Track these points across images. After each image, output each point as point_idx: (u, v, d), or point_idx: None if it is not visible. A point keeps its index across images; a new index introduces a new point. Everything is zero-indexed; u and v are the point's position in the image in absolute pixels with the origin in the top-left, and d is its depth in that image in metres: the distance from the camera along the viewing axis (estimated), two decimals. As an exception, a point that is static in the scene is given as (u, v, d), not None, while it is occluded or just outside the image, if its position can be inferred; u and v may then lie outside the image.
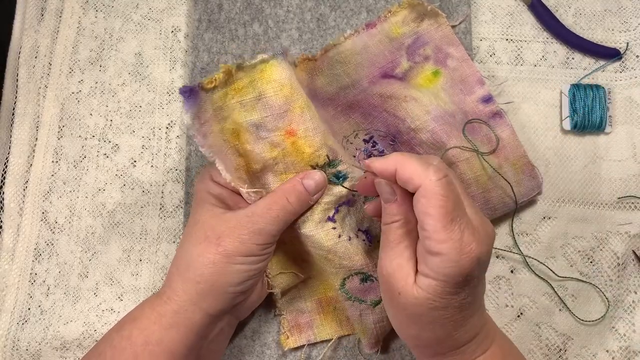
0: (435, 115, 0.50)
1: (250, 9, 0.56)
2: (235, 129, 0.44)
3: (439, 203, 0.35)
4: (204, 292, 0.41)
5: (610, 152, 0.54)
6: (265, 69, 0.42)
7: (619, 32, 0.56)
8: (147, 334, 0.41)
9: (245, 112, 0.43)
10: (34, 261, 0.54)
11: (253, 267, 0.42)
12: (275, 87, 0.42)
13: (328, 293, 0.51)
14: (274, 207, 0.42)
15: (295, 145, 0.44)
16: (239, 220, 0.42)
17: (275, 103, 0.43)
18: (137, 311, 0.43)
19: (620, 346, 0.51)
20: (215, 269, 0.41)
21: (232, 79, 0.42)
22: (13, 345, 0.52)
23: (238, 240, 0.41)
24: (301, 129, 0.43)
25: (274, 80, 0.42)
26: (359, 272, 0.46)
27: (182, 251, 0.43)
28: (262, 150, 0.44)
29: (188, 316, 0.41)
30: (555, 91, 0.55)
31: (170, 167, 0.55)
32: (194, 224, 0.43)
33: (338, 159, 0.45)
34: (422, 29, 0.53)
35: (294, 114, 0.43)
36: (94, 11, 0.59)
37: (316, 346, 0.51)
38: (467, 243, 0.35)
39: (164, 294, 0.42)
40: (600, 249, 0.52)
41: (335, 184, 0.45)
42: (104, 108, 0.56)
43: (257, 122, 0.43)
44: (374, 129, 0.52)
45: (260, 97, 0.43)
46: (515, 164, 0.51)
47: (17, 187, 0.55)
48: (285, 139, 0.43)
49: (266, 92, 0.42)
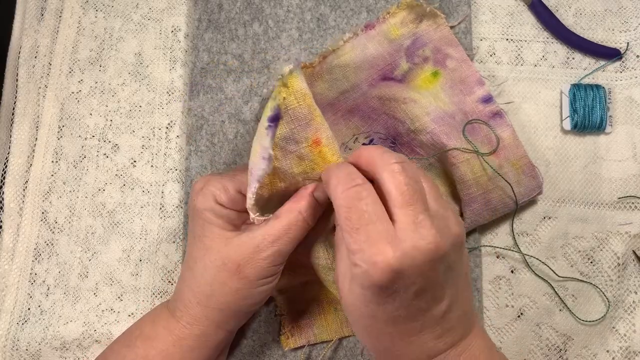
0: (434, 116, 0.50)
1: (250, 9, 0.56)
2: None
3: (343, 215, 0.34)
4: (229, 316, 0.41)
5: (611, 152, 0.54)
6: (289, 80, 0.41)
7: (620, 32, 0.56)
8: (166, 356, 0.40)
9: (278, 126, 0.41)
10: (34, 261, 0.54)
11: (271, 285, 0.42)
12: (298, 97, 0.41)
13: (329, 294, 0.51)
14: (292, 228, 0.40)
15: (321, 154, 0.42)
16: (257, 245, 0.40)
17: (300, 113, 0.41)
18: (149, 329, 0.42)
19: (620, 346, 0.51)
20: (238, 296, 0.41)
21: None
22: (13, 345, 0.52)
23: (258, 266, 0.40)
24: (324, 137, 0.42)
25: (297, 91, 0.41)
26: None
27: (197, 278, 0.41)
28: (289, 165, 0.42)
29: (211, 338, 0.41)
30: (556, 91, 0.55)
31: (170, 167, 0.55)
32: (204, 248, 0.41)
33: None
34: (421, 30, 0.53)
35: (317, 122, 0.42)
36: (94, 11, 0.58)
37: (316, 346, 0.51)
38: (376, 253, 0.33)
39: (181, 319, 0.41)
40: (600, 249, 0.52)
41: None
42: (104, 108, 0.56)
43: (286, 135, 0.41)
44: (374, 131, 0.52)
45: (286, 109, 0.41)
46: (516, 164, 0.51)
47: (16, 187, 0.55)
48: (312, 149, 0.42)
49: (291, 103, 0.41)
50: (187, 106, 0.56)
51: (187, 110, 0.55)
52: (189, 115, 0.54)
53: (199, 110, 0.54)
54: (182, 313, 0.42)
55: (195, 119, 0.54)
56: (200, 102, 0.54)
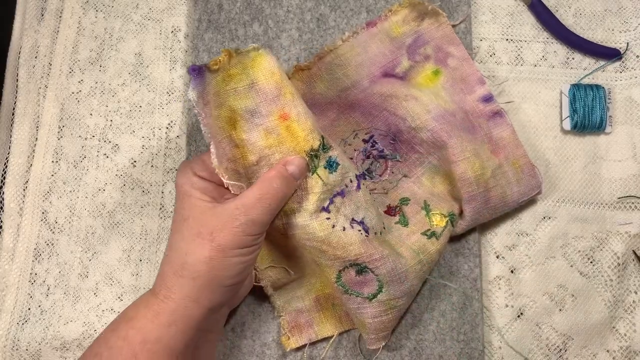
0: (435, 114, 0.50)
1: (250, 9, 0.56)
2: (231, 117, 0.44)
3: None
4: (202, 287, 0.41)
5: (611, 152, 0.54)
6: (256, 57, 0.44)
7: (619, 32, 0.56)
8: (145, 333, 0.40)
9: (240, 99, 0.44)
10: (34, 261, 0.54)
11: (247, 258, 0.43)
12: (266, 74, 0.44)
13: (325, 290, 0.51)
14: (264, 197, 0.42)
15: (289, 129, 0.44)
16: (230, 213, 0.41)
17: (267, 89, 0.43)
18: (132, 311, 0.42)
19: (620, 346, 0.51)
20: (211, 265, 0.41)
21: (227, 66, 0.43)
22: (13, 345, 0.52)
23: (231, 234, 0.41)
24: (294, 112, 0.44)
25: (264, 68, 0.44)
26: (354, 264, 0.45)
27: (174, 249, 0.43)
28: (257, 138, 0.44)
29: (187, 313, 0.41)
30: (556, 91, 0.55)
31: (170, 167, 0.55)
32: (182, 220, 0.43)
33: (329, 144, 0.45)
34: (423, 28, 0.53)
35: (286, 99, 0.44)
36: (94, 11, 0.59)
37: (316, 346, 0.51)
38: None
39: (159, 293, 0.42)
40: (600, 249, 0.52)
41: (330, 171, 0.45)
42: (104, 108, 0.56)
43: (251, 108, 0.44)
44: (374, 127, 0.52)
45: (252, 84, 0.43)
46: (515, 164, 0.51)
47: (17, 187, 0.55)
48: (279, 123, 0.44)
49: (258, 79, 0.43)
50: (187, 106, 0.56)
51: (187, 110, 0.55)
52: (189, 115, 0.55)
53: (199, 110, 0.54)
54: (160, 287, 0.42)
55: (195, 119, 0.54)
56: (200, 102, 0.54)
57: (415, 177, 0.52)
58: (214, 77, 0.43)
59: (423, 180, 0.52)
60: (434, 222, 0.49)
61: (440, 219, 0.49)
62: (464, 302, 0.51)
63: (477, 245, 0.52)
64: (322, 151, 0.45)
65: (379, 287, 0.45)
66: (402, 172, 0.52)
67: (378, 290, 0.45)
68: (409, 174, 0.52)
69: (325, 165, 0.45)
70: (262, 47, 0.44)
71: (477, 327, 0.50)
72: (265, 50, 0.44)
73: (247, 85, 0.44)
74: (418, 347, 0.50)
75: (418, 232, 0.49)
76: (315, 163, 0.45)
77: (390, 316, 0.46)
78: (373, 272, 0.45)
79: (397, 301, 0.46)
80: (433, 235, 0.48)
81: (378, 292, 0.45)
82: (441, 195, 0.51)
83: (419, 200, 0.51)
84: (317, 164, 0.45)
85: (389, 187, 0.52)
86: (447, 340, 0.50)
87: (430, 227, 0.49)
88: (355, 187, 0.46)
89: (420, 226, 0.49)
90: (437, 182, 0.51)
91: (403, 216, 0.50)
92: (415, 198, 0.51)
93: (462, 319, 0.50)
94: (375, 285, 0.45)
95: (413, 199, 0.51)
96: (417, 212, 0.50)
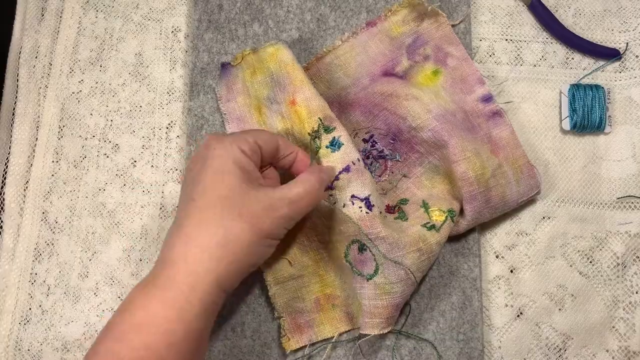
0: (436, 114, 0.50)
1: (250, 9, 0.56)
2: (257, 105, 0.52)
3: None
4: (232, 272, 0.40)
5: (610, 152, 0.54)
6: (273, 52, 0.51)
7: (619, 32, 0.56)
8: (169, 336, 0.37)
9: (263, 89, 0.52)
10: (34, 261, 0.54)
11: (271, 250, 0.43)
12: (280, 65, 0.51)
13: (326, 290, 0.51)
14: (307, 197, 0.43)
15: (297, 113, 0.49)
16: (273, 203, 0.41)
17: (280, 78, 0.51)
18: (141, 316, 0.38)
19: (620, 346, 0.51)
20: (249, 250, 0.40)
21: (252, 62, 0.52)
22: (15, 346, 0.52)
23: (271, 222, 0.41)
24: (300, 98, 0.49)
25: (280, 60, 0.51)
26: (355, 241, 0.47)
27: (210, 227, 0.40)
28: (275, 122, 0.51)
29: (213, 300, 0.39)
30: (555, 91, 0.55)
31: (170, 167, 0.55)
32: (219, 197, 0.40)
33: (333, 125, 0.48)
34: (422, 28, 0.53)
35: (295, 86, 0.50)
36: (94, 11, 0.59)
37: (316, 347, 0.51)
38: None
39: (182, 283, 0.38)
40: (600, 249, 0.52)
41: (332, 150, 0.47)
42: (104, 108, 0.57)
43: (271, 96, 0.51)
44: (375, 127, 0.52)
45: (272, 75, 0.51)
46: (515, 164, 0.51)
47: (17, 187, 0.55)
48: (289, 108, 0.50)
49: (274, 70, 0.51)
50: (187, 106, 0.56)
51: (187, 110, 0.55)
52: (189, 115, 0.55)
53: (199, 110, 0.54)
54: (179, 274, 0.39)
55: (195, 119, 0.54)
56: (200, 102, 0.54)
57: (414, 177, 0.52)
58: (238, 70, 0.53)
59: (422, 180, 0.52)
60: (433, 217, 0.49)
61: (439, 214, 0.49)
62: (464, 302, 0.51)
63: (477, 245, 0.52)
64: (323, 131, 0.48)
65: (375, 268, 0.46)
66: (402, 172, 0.52)
67: (375, 271, 0.46)
68: (409, 174, 0.52)
69: (328, 145, 0.48)
70: (279, 41, 0.52)
71: (476, 326, 0.50)
72: (281, 44, 0.52)
73: (267, 76, 0.52)
74: (418, 347, 0.50)
75: (418, 224, 0.49)
76: (317, 143, 0.48)
77: (384, 302, 0.46)
78: (371, 251, 0.46)
79: (392, 286, 0.46)
80: (433, 227, 0.49)
81: (375, 273, 0.46)
82: (440, 195, 0.51)
83: (417, 200, 0.51)
84: (319, 144, 0.48)
85: (388, 188, 0.52)
86: (446, 340, 0.50)
87: (430, 221, 0.49)
88: (363, 166, 0.48)
89: (419, 220, 0.49)
90: (436, 182, 0.51)
91: (402, 212, 0.50)
92: (413, 199, 0.51)
93: (461, 318, 0.50)
94: (373, 265, 0.46)
95: (412, 199, 0.51)
96: (416, 210, 0.50)
